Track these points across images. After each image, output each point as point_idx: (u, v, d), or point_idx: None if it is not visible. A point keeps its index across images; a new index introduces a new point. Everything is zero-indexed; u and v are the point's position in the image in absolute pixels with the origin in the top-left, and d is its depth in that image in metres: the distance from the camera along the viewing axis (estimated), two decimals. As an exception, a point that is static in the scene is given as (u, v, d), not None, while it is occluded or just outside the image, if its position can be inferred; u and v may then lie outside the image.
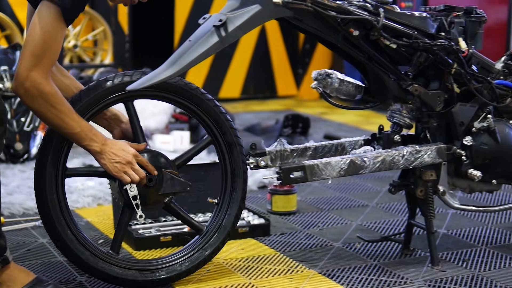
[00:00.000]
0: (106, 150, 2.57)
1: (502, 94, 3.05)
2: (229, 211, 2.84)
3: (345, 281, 2.85)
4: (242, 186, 2.85)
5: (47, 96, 2.44)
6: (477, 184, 3.06)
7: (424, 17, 2.91)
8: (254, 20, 2.67)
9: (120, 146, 2.61)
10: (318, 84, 3.00)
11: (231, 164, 2.84)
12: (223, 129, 2.81)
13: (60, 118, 2.47)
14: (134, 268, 2.73)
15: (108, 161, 2.57)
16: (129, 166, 2.60)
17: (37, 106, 2.45)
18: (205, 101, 2.78)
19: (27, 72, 2.41)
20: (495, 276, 2.91)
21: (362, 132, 5.43)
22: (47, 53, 2.43)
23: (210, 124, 2.81)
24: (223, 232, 2.83)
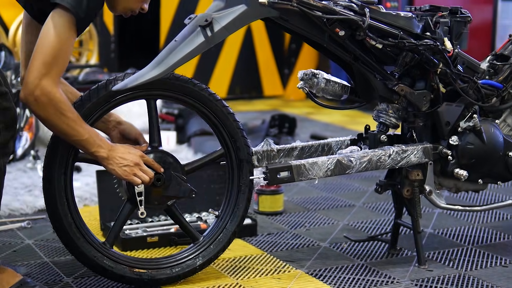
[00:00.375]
0: (113, 155, 2.57)
1: (487, 94, 3.06)
2: (228, 226, 2.84)
3: (332, 281, 2.85)
4: (245, 204, 2.85)
5: (57, 104, 2.43)
6: (463, 183, 3.07)
7: (409, 17, 2.91)
8: (240, 20, 2.67)
9: (125, 149, 2.62)
10: (304, 84, 3.00)
11: (239, 180, 2.85)
12: (238, 145, 2.81)
13: (69, 125, 2.47)
14: (124, 263, 2.72)
15: (116, 166, 2.57)
16: (138, 167, 2.61)
17: (47, 114, 2.45)
18: (226, 114, 2.80)
19: (37, 80, 2.40)
20: (481, 275, 2.92)
21: (349, 132, 5.43)
22: (58, 62, 2.43)
23: (227, 138, 2.82)
24: (218, 245, 2.83)
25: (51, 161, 2.65)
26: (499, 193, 4.08)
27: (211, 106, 2.78)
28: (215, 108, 2.78)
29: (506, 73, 3.10)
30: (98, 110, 2.65)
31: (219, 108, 2.78)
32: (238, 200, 2.85)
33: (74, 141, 2.52)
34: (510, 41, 3.17)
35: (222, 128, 2.80)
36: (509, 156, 3.07)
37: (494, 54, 3.17)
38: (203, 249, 2.82)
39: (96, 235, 3.29)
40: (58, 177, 2.64)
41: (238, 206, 2.85)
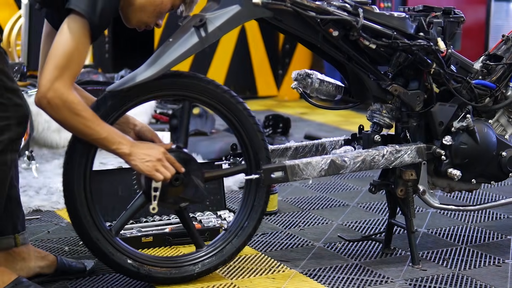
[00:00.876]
0: (135, 151, 2.57)
1: (481, 94, 3.07)
2: (234, 241, 2.85)
3: (326, 280, 2.86)
4: (255, 223, 2.86)
5: (70, 105, 2.44)
6: (456, 183, 3.07)
7: (403, 18, 2.92)
8: (234, 20, 2.67)
9: (148, 145, 2.63)
10: (298, 84, 3.01)
11: (254, 198, 2.86)
12: (258, 162, 2.82)
13: (86, 125, 2.48)
14: (125, 254, 2.72)
15: (139, 161, 2.58)
16: (160, 163, 2.61)
17: (62, 116, 2.46)
18: (252, 125, 2.81)
19: (49, 83, 2.42)
20: (475, 274, 2.93)
21: (342, 132, 5.44)
22: (71, 65, 2.44)
23: (251, 154, 2.82)
24: (220, 257, 2.83)
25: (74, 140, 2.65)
26: (492, 193, 4.09)
27: (239, 117, 2.81)
28: (241, 117, 2.81)
29: (499, 73, 3.11)
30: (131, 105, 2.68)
31: (246, 118, 2.81)
32: (249, 218, 2.86)
33: (94, 140, 2.53)
34: (503, 41, 3.18)
35: (247, 140, 2.81)
36: (502, 156, 3.08)
37: (487, 54, 3.18)
38: (204, 257, 2.82)
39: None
40: (80, 154, 2.63)
41: (248, 223, 2.86)
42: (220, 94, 2.76)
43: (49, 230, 3.40)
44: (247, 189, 2.88)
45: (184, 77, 2.72)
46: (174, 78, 2.70)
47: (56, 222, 3.54)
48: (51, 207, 3.75)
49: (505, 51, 3.15)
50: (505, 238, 3.35)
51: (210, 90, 2.75)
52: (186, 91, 2.72)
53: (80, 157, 2.63)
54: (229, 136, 5.40)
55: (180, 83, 2.70)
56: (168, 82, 2.69)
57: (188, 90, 2.72)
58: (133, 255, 2.74)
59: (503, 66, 3.12)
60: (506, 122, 3.18)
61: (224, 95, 2.77)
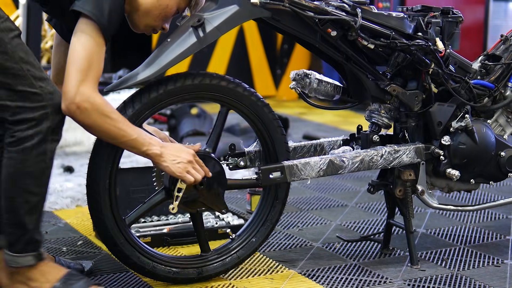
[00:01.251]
0: (166, 152, 2.55)
1: (479, 94, 3.07)
2: (239, 252, 2.86)
3: (325, 281, 2.85)
4: (262, 239, 2.89)
5: (100, 107, 2.41)
6: (455, 183, 3.07)
7: (401, 18, 2.92)
8: (232, 20, 2.66)
9: (178, 146, 2.61)
10: (296, 84, 3.00)
11: (268, 214, 2.89)
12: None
13: (117, 127, 2.45)
14: (136, 247, 2.71)
15: (170, 163, 2.55)
16: (191, 165, 2.59)
17: (92, 120, 2.42)
18: (279, 134, 2.83)
19: (75, 88, 2.38)
20: (474, 275, 2.92)
21: (341, 132, 5.44)
22: (93, 67, 2.41)
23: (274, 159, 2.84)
24: (223, 265, 2.84)
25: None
26: (491, 193, 4.09)
27: (266, 124, 2.84)
28: (268, 124, 2.84)
29: (498, 73, 3.11)
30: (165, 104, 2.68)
31: (273, 124, 2.84)
32: (262, 227, 2.87)
33: (124, 143, 2.49)
34: (502, 41, 3.18)
35: (271, 145, 2.84)
36: (501, 156, 3.08)
37: (486, 54, 3.18)
38: (207, 263, 2.82)
39: (89, 236, 3.30)
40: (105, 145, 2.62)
41: (256, 239, 2.87)
42: (249, 99, 2.79)
43: (46, 230, 3.39)
44: (262, 203, 2.90)
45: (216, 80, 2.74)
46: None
47: (54, 223, 3.53)
48: (49, 207, 3.74)
49: (503, 51, 3.15)
50: (504, 238, 3.35)
51: (240, 94, 2.78)
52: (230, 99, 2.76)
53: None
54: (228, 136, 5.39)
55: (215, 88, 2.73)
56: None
57: (227, 96, 2.75)
58: (141, 249, 2.74)
59: (501, 66, 3.12)
60: (504, 122, 3.18)
61: (221, 84, 2.76)
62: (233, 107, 2.78)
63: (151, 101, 2.63)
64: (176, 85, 2.66)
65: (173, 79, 2.66)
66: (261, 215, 2.89)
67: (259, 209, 2.91)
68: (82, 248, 3.16)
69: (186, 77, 2.68)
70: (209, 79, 2.71)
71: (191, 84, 2.67)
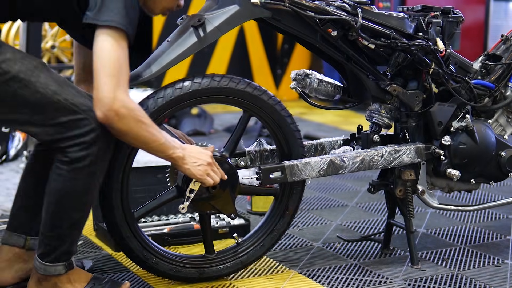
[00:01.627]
0: (187, 154, 2.53)
1: (480, 94, 3.06)
2: (243, 258, 2.86)
3: (325, 281, 2.85)
4: (268, 247, 2.89)
5: (135, 112, 2.37)
6: (455, 183, 3.07)
7: (402, 17, 2.92)
8: (233, 20, 2.66)
9: (197, 149, 2.59)
10: (297, 84, 3.00)
11: (276, 224, 2.89)
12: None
13: (149, 131, 2.41)
14: (141, 242, 2.72)
15: (191, 165, 2.54)
16: (210, 167, 2.59)
17: (130, 125, 2.37)
18: (298, 145, 2.83)
19: (111, 94, 2.33)
20: (474, 275, 2.92)
21: (341, 132, 5.44)
22: (123, 72, 2.36)
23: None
24: (225, 269, 2.84)
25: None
26: (491, 193, 4.09)
27: (284, 129, 2.82)
28: (286, 130, 2.82)
29: (498, 73, 3.11)
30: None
31: (290, 129, 2.82)
32: (265, 241, 2.88)
33: (153, 147, 2.45)
34: (502, 41, 3.18)
35: (287, 149, 2.85)
36: (501, 156, 3.08)
37: (486, 54, 3.18)
38: (210, 265, 2.82)
39: (89, 236, 3.30)
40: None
41: (262, 245, 2.88)
42: (272, 108, 2.78)
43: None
44: (272, 212, 2.91)
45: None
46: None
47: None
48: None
49: (504, 51, 3.15)
50: (504, 238, 3.35)
51: (264, 102, 2.77)
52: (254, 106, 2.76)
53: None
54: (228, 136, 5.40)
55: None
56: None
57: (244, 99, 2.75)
58: (146, 244, 2.74)
59: (502, 66, 3.12)
60: (505, 122, 3.18)
61: (247, 90, 2.76)
62: (255, 114, 2.79)
63: (174, 100, 2.64)
64: (202, 86, 2.67)
65: (198, 80, 2.67)
66: (270, 224, 2.90)
67: (268, 218, 2.91)
68: (83, 248, 3.16)
69: (212, 78, 2.69)
70: (235, 83, 2.72)
71: (217, 86, 2.68)
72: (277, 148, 2.87)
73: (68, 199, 2.42)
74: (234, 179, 2.74)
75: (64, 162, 2.39)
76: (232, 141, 2.82)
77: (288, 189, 2.88)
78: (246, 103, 2.75)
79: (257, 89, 2.75)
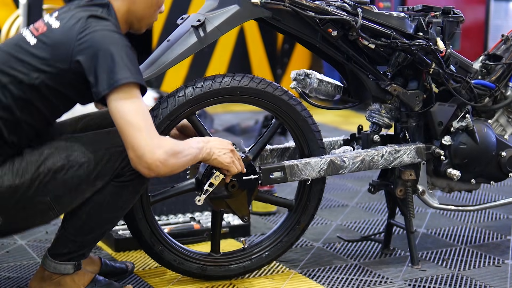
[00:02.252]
0: (212, 146, 2.53)
1: (480, 93, 3.06)
2: (246, 264, 2.86)
3: (325, 281, 2.85)
4: (274, 257, 2.90)
5: (172, 149, 2.37)
6: (456, 183, 3.07)
7: (402, 17, 2.91)
8: (233, 20, 2.66)
9: (218, 140, 2.58)
10: (297, 84, 3.00)
11: (285, 235, 2.91)
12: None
13: (185, 155, 2.42)
14: (151, 227, 2.73)
15: (217, 155, 2.53)
16: (234, 155, 2.60)
17: (173, 166, 2.39)
18: (317, 143, 2.87)
19: (149, 146, 2.32)
20: (474, 275, 2.92)
21: (342, 132, 5.44)
22: (147, 120, 2.35)
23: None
24: (227, 271, 2.85)
25: None
26: (492, 193, 4.09)
27: (302, 128, 2.84)
28: (305, 129, 2.84)
29: (499, 73, 3.11)
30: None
31: (310, 130, 2.86)
32: (271, 250, 2.89)
33: (189, 163, 2.49)
34: (503, 41, 3.18)
35: (306, 149, 2.87)
36: (502, 156, 3.07)
37: (486, 54, 3.18)
38: (213, 264, 2.82)
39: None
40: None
41: (267, 254, 2.89)
42: (304, 121, 2.81)
43: (47, 230, 3.39)
44: (284, 223, 2.92)
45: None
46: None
47: (54, 223, 3.53)
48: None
49: (504, 51, 3.15)
50: (504, 238, 3.35)
51: (297, 113, 2.80)
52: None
53: None
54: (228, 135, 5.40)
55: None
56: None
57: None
58: (156, 230, 2.75)
59: (502, 66, 3.12)
60: (505, 122, 3.18)
61: (283, 97, 2.79)
62: (286, 123, 2.81)
63: (210, 92, 2.67)
64: (241, 85, 2.69)
65: (237, 79, 2.69)
66: (279, 234, 2.91)
67: (278, 228, 2.93)
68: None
69: (252, 80, 2.71)
70: (273, 89, 2.75)
71: (255, 88, 2.71)
72: (298, 149, 2.89)
73: (107, 212, 2.46)
74: (253, 183, 2.74)
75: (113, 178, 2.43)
76: (258, 145, 2.82)
77: (303, 204, 2.90)
78: (280, 111, 2.78)
79: (292, 98, 2.79)
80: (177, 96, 2.65)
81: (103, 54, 2.31)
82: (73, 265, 2.51)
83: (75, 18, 2.39)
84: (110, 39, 2.34)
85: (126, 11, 2.50)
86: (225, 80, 2.69)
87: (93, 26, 2.35)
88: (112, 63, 2.31)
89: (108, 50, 2.31)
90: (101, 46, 2.32)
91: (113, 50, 2.32)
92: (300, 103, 2.80)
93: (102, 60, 2.31)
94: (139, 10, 2.52)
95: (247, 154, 2.77)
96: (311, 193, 2.89)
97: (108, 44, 2.32)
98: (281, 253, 2.90)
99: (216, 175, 2.62)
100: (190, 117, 2.71)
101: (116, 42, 2.34)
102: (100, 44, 2.32)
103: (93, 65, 2.31)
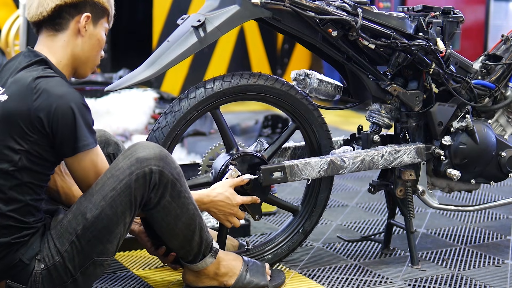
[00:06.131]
0: (211, 206, 2.67)
1: (480, 94, 3.07)
2: (256, 259, 2.84)
3: (325, 281, 2.85)
4: (276, 261, 2.92)
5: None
6: (456, 183, 3.07)
7: (402, 18, 2.91)
8: (233, 20, 2.66)
9: (224, 198, 2.68)
10: (297, 84, 3.00)
11: (287, 241, 2.93)
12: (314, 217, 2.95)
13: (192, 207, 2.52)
14: None
15: (214, 214, 2.70)
16: (233, 215, 2.72)
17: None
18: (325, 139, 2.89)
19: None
20: (474, 275, 2.92)
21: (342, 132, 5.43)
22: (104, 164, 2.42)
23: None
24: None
25: None
26: (491, 193, 4.09)
27: (311, 123, 2.89)
28: (312, 120, 2.88)
29: (499, 73, 3.11)
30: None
31: (321, 126, 2.90)
32: (273, 253, 2.91)
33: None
34: (503, 41, 3.18)
35: (317, 148, 2.90)
36: (502, 156, 3.08)
37: (486, 54, 3.18)
38: None
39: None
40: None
41: (270, 257, 2.91)
42: (301, 102, 2.83)
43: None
44: (287, 228, 2.95)
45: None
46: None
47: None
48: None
49: (504, 51, 3.15)
50: (504, 239, 3.35)
51: (315, 118, 2.86)
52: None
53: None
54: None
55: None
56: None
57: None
58: None
59: (502, 66, 3.12)
60: (505, 122, 3.18)
61: (303, 101, 2.82)
62: (302, 127, 2.87)
63: (237, 88, 2.71)
64: (267, 84, 2.73)
65: (263, 78, 2.73)
66: (282, 238, 2.93)
67: (282, 232, 2.95)
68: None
69: (276, 81, 2.75)
70: (295, 92, 2.79)
71: (279, 89, 2.75)
72: (306, 144, 2.92)
73: (179, 221, 2.49)
74: (266, 193, 2.80)
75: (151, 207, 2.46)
76: (274, 146, 2.86)
77: (308, 210, 2.93)
78: (299, 114, 2.84)
79: (311, 104, 2.84)
80: (206, 87, 2.67)
81: (63, 114, 2.29)
82: (210, 255, 2.60)
83: (22, 83, 2.32)
84: (67, 97, 2.31)
85: (70, 56, 2.46)
86: (252, 78, 2.72)
87: (44, 85, 2.30)
88: (73, 126, 2.30)
89: (67, 109, 2.29)
90: (59, 105, 2.29)
91: (73, 107, 2.30)
92: (317, 109, 2.83)
93: (62, 122, 2.29)
94: (83, 53, 2.48)
95: (262, 153, 2.80)
96: (317, 200, 2.92)
97: (68, 102, 2.30)
98: (284, 256, 2.93)
99: (232, 172, 2.68)
100: (214, 111, 2.75)
101: (74, 99, 2.31)
102: (58, 103, 2.29)
103: (55, 124, 2.29)
